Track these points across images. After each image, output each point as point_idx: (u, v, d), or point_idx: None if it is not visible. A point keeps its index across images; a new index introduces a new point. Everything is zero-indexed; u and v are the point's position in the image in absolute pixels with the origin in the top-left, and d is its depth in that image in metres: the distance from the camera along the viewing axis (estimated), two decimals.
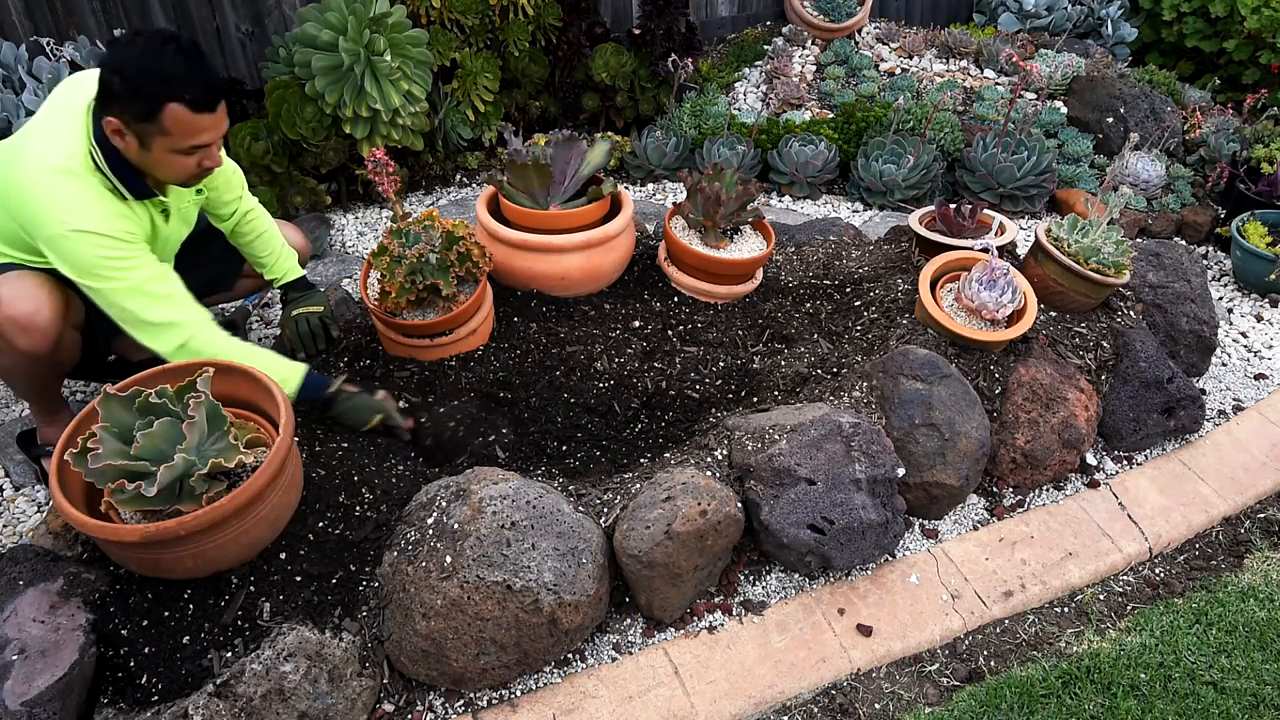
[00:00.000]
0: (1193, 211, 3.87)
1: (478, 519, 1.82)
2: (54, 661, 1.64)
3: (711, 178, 2.77)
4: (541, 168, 2.66)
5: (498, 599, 1.77)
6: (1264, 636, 2.12)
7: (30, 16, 3.09)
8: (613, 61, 3.96)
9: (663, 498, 1.95)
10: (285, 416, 1.82)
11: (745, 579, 2.17)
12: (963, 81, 4.34)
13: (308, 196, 3.38)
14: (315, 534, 1.92)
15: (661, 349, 2.63)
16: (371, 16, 3.13)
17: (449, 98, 3.66)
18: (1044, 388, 2.44)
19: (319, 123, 3.23)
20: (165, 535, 1.63)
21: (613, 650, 2.00)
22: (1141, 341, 2.62)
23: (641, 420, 2.41)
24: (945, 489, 2.27)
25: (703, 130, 4.04)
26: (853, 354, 2.53)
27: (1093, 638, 2.15)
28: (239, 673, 1.65)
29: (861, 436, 2.14)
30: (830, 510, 2.05)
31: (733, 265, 2.77)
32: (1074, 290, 2.60)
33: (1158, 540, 2.40)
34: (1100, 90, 4.22)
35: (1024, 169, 3.71)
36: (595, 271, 2.76)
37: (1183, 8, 4.88)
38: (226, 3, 3.41)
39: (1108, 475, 2.58)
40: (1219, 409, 2.86)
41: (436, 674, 1.82)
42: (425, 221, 2.39)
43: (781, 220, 3.54)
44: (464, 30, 3.62)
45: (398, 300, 2.35)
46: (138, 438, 1.66)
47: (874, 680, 2.03)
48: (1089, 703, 1.96)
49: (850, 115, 4.00)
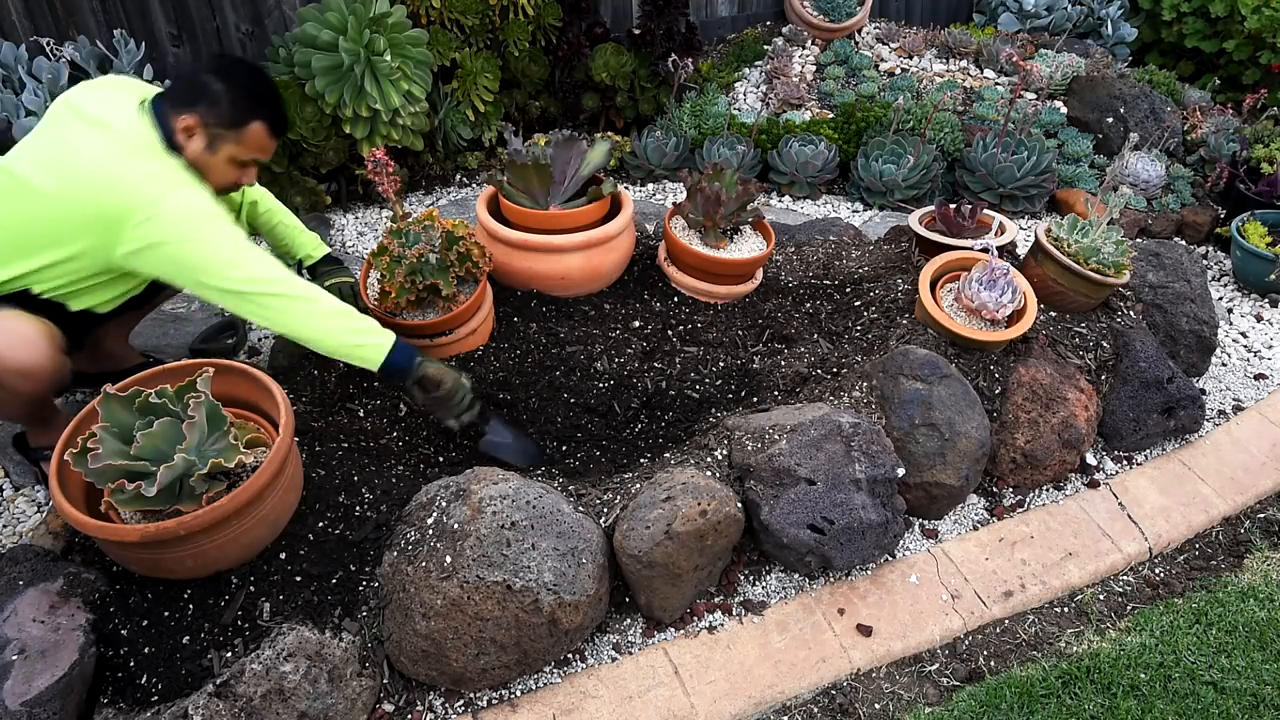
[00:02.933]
0: (1193, 211, 3.87)
1: (478, 519, 1.82)
2: (54, 661, 1.64)
3: (711, 178, 2.77)
4: (541, 168, 2.66)
5: (498, 599, 1.77)
6: (1264, 636, 2.12)
7: (30, 16, 3.09)
8: (613, 61, 3.96)
9: (663, 498, 1.95)
10: (285, 416, 1.82)
11: (745, 579, 2.17)
12: (963, 81, 4.34)
13: (308, 196, 3.38)
14: (315, 534, 1.92)
15: (661, 349, 2.63)
16: (371, 16, 3.13)
17: (449, 98, 3.66)
18: (1044, 388, 2.44)
19: (319, 123, 3.23)
20: (165, 535, 1.63)
21: (613, 650, 2.00)
22: (1141, 341, 2.62)
23: (641, 420, 2.41)
24: (945, 489, 2.27)
25: (703, 130, 4.04)
26: (853, 354, 2.53)
27: (1093, 638, 2.15)
28: (239, 673, 1.65)
29: (861, 436, 2.14)
30: (830, 510, 2.05)
31: (733, 265, 2.77)
32: (1074, 290, 2.60)
33: (1158, 540, 2.40)
34: (1100, 90, 4.22)
35: (1024, 169, 3.71)
36: (595, 271, 2.76)
37: (1183, 8, 4.88)
38: (226, 3, 3.41)
39: (1108, 475, 2.58)
40: (1219, 409, 2.86)
41: (436, 674, 1.82)
42: (425, 221, 2.39)
43: (781, 220, 3.54)
44: (464, 30, 3.62)
45: (398, 300, 2.35)
46: (138, 438, 1.66)
47: (874, 680, 2.03)
48: (1089, 703, 1.96)
49: (850, 115, 4.00)
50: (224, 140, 1.97)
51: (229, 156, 1.99)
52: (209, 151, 1.96)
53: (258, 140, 2.01)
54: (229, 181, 2.04)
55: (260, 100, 2.00)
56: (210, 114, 1.94)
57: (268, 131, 2.02)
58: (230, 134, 1.97)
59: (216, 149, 1.97)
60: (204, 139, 1.95)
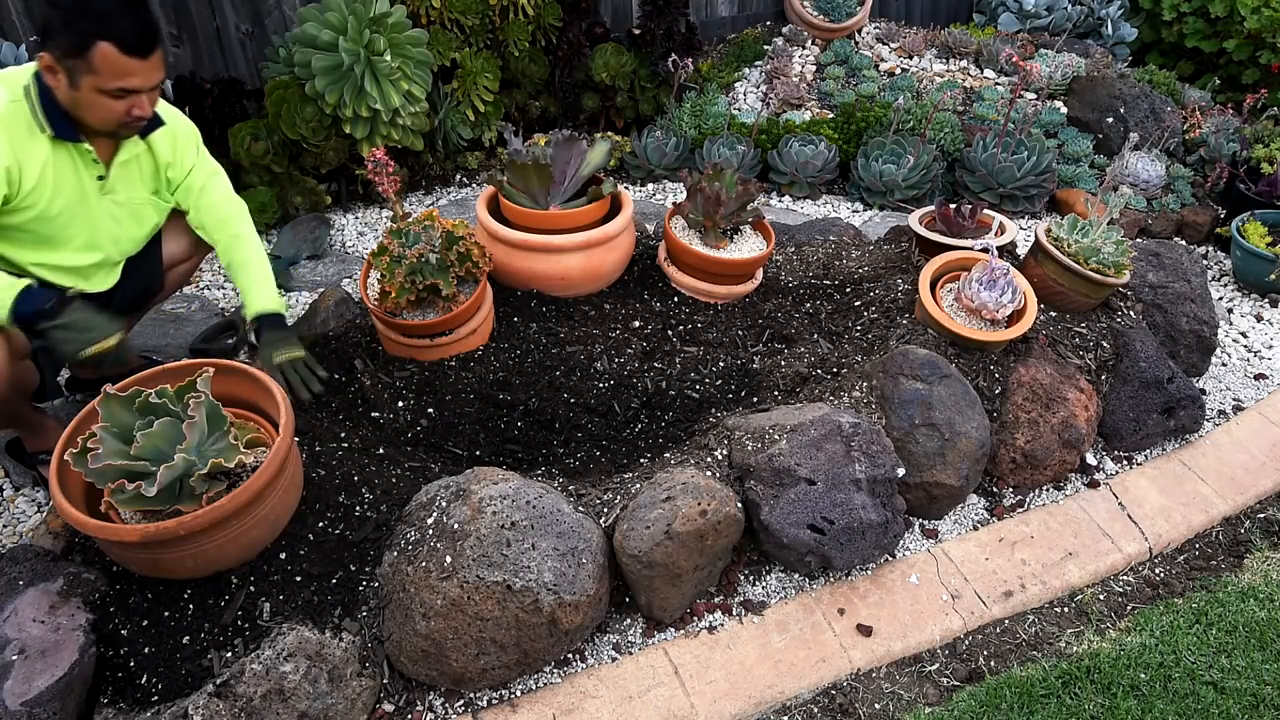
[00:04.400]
0: (1193, 211, 3.87)
1: (478, 519, 1.82)
2: (54, 661, 1.64)
3: (711, 178, 2.77)
4: (541, 168, 2.66)
5: (498, 599, 1.77)
6: (1264, 636, 2.12)
7: (30, 16, 3.09)
8: (613, 61, 3.96)
9: (663, 498, 1.95)
10: (285, 416, 1.82)
11: (745, 579, 2.17)
12: (963, 81, 4.34)
13: (308, 196, 3.38)
14: (315, 534, 1.92)
15: (661, 349, 2.63)
16: (371, 16, 3.13)
17: (449, 98, 3.66)
18: (1044, 388, 2.44)
19: (319, 123, 3.23)
20: (165, 535, 1.63)
21: (613, 650, 2.00)
22: (1141, 341, 2.62)
23: (641, 420, 2.41)
24: (945, 489, 2.27)
25: (703, 130, 4.04)
26: (853, 354, 2.53)
27: (1093, 638, 2.15)
28: (239, 673, 1.65)
29: (861, 436, 2.14)
30: (830, 510, 2.05)
31: (733, 265, 2.77)
32: (1074, 290, 2.60)
33: (1158, 540, 2.40)
34: (1100, 90, 4.22)
35: (1024, 169, 3.71)
36: (595, 271, 2.76)
37: (1183, 8, 4.88)
38: (226, 3, 3.41)
39: (1108, 475, 2.58)
40: (1219, 409, 2.86)
41: (436, 674, 1.82)
42: (425, 221, 2.39)
43: (781, 220, 3.54)
44: (464, 30, 3.62)
45: (398, 300, 2.35)
46: (138, 438, 1.66)
47: (874, 680, 2.03)
48: (1089, 703, 1.96)
49: (850, 115, 4.00)
50: (78, 72, 1.81)
51: (93, 89, 1.83)
52: (73, 88, 1.84)
53: (111, 64, 1.80)
54: (113, 116, 1.89)
55: (97, 18, 1.77)
56: (56, 46, 1.80)
57: (119, 50, 1.79)
58: (80, 63, 1.80)
59: (77, 83, 1.83)
60: (64, 75, 1.83)
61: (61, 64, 1.82)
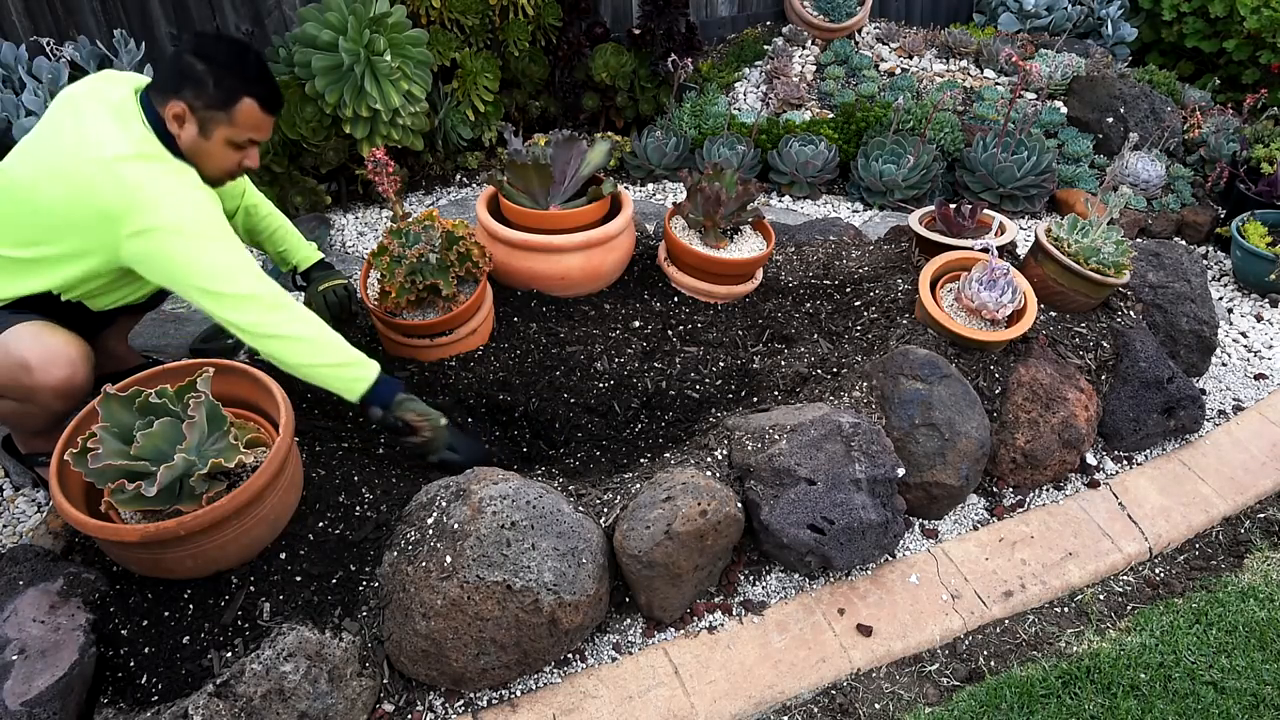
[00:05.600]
0: (1193, 211, 3.87)
1: (478, 519, 1.82)
2: (54, 661, 1.64)
3: (711, 178, 2.77)
4: (541, 168, 2.66)
5: (498, 599, 1.77)
6: (1264, 636, 2.12)
7: (30, 16, 3.09)
8: (613, 61, 3.96)
9: (663, 498, 1.95)
10: (285, 416, 1.82)
11: (745, 579, 2.17)
12: (963, 81, 4.34)
13: (308, 196, 3.38)
14: (315, 534, 1.92)
15: (661, 349, 2.63)
16: (371, 16, 3.13)
17: (449, 98, 3.66)
18: (1044, 388, 2.44)
19: (319, 123, 3.23)
20: (165, 535, 1.63)
21: (613, 650, 2.00)
22: (1141, 341, 2.62)
23: (641, 420, 2.41)
24: (945, 489, 2.27)
25: (703, 130, 4.04)
26: (853, 354, 2.53)
27: (1093, 638, 2.15)
28: (239, 673, 1.65)
29: (861, 436, 2.14)
30: (830, 510, 2.05)
31: (733, 265, 2.77)
32: (1074, 290, 2.60)
33: (1158, 540, 2.40)
34: (1100, 90, 4.22)
35: (1024, 169, 3.71)
36: (595, 271, 2.76)
37: (1183, 8, 4.88)
38: (226, 3, 3.41)
39: (1108, 475, 2.58)
40: (1219, 409, 2.86)
41: (436, 674, 1.82)
42: (425, 221, 2.39)
43: (781, 220, 3.54)
44: (464, 30, 3.62)
45: (398, 300, 2.35)
46: (138, 438, 1.66)
47: (874, 680, 2.03)
48: (1089, 703, 1.96)
49: (850, 115, 4.00)
50: (216, 123, 1.92)
51: (224, 139, 1.94)
52: (202, 137, 1.92)
53: (250, 118, 1.95)
54: (229, 166, 2.00)
55: (246, 76, 1.93)
56: (199, 97, 1.89)
57: (260, 108, 1.95)
58: (221, 115, 1.91)
59: (210, 133, 1.92)
60: (195, 124, 1.91)
61: (196, 115, 1.90)
